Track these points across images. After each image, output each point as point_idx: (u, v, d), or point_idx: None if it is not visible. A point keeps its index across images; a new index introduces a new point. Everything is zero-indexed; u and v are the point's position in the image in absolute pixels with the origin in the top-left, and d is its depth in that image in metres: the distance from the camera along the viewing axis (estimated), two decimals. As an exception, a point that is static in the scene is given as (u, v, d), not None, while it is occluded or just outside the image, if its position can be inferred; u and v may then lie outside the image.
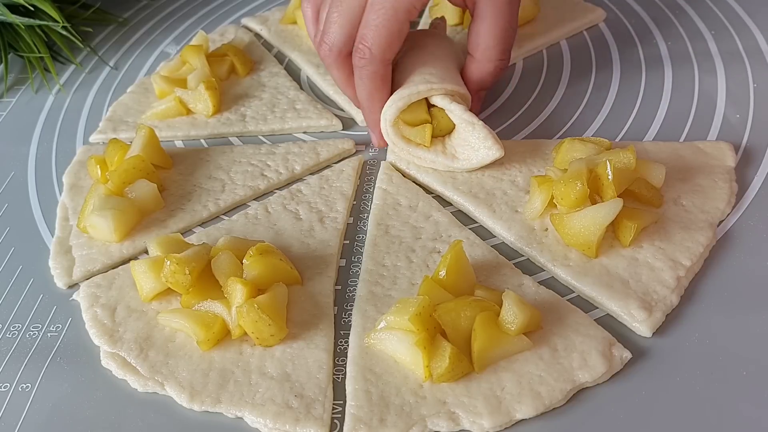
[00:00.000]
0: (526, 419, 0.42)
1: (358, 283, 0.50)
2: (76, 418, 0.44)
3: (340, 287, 0.51)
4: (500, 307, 0.44)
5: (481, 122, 0.54)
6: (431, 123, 0.56)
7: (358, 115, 0.65)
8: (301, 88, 0.69)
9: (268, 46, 0.75)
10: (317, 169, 0.60)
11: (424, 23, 0.75)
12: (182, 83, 0.66)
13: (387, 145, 0.59)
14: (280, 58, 0.73)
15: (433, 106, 0.56)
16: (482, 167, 0.56)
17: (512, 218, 0.53)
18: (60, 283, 0.53)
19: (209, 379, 0.45)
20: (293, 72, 0.71)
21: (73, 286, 0.53)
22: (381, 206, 0.55)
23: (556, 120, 0.63)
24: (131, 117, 0.67)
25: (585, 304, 0.48)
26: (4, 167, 0.64)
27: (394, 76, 0.57)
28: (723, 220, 0.52)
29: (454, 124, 0.56)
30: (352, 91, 0.58)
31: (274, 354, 0.46)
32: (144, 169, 0.56)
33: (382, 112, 0.56)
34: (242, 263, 0.48)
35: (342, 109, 0.67)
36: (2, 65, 0.74)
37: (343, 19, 0.54)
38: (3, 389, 0.46)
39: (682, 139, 0.60)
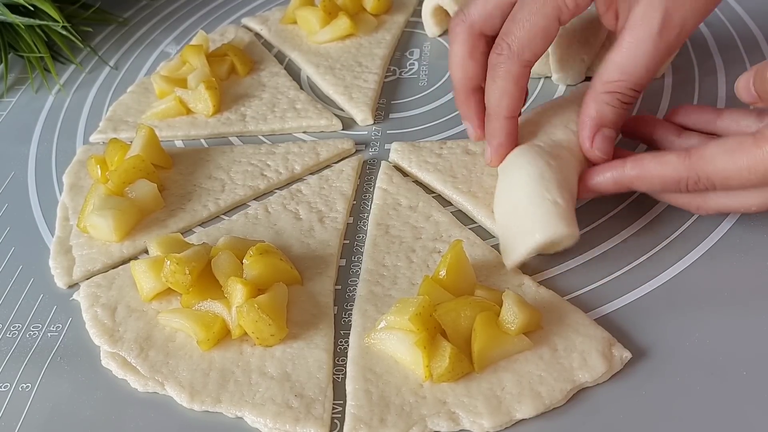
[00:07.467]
0: (526, 419, 0.42)
1: (359, 282, 0.50)
2: (76, 418, 0.44)
3: (340, 287, 0.51)
4: (500, 307, 0.44)
5: None
6: None
7: (358, 115, 0.65)
8: (301, 88, 0.68)
9: (268, 46, 0.75)
10: (317, 169, 0.60)
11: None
12: (182, 83, 0.66)
13: (498, 164, 0.52)
14: (280, 58, 0.73)
15: None
16: (483, 167, 0.56)
17: (512, 218, 0.53)
18: (60, 282, 0.53)
19: (209, 378, 0.45)
20: (293, 72, 0.71)
21: (74, 285, 0.53)
22: (381, 206, 0.55)
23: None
24: (131, 117, 0.67)
25: (585, 304, 0.48)
26: (4, 167, 0.64)
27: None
28: (723, 220, 0.52)
29: None
30: (460, 71, 0.53)
31: (274, 354, 0.46)
32: (144, 169, 0.56)
33: None
34: (242, 263, 0.48)
35: (342, 109, 0.67)
36: (2, 65, 0.74)
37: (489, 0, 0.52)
38: (3, 389, 0.46)
39: (682, 139, 0.60)
